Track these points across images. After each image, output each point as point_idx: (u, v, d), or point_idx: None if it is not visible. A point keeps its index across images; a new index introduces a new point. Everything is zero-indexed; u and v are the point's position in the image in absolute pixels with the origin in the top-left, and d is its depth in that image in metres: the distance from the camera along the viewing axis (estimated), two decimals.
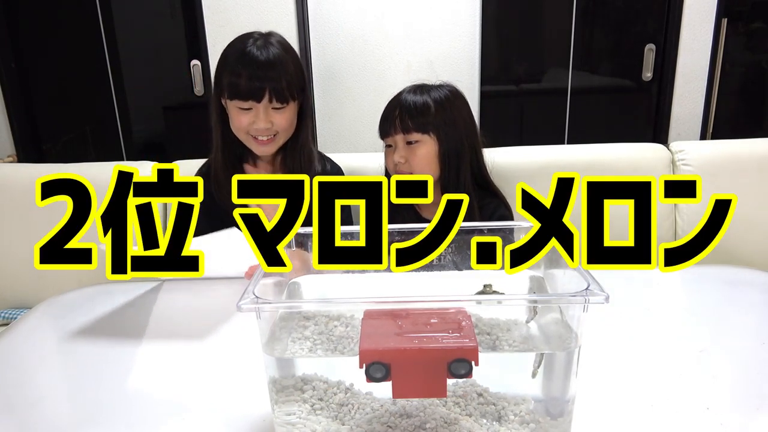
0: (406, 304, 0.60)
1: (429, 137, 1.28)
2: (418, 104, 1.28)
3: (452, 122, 1.30)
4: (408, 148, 1.29)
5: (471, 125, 1.35)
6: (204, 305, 1.06)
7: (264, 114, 1.22)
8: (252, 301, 0.57)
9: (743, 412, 0.70)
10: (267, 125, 1.23)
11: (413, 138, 1.28)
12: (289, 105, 1.25)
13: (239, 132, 1.27)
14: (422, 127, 1.28)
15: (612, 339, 0.86)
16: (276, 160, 1.36)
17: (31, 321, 1.03)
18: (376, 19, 2.01)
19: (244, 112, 1.23)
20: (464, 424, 0.60)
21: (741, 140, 1.64)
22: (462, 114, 1.33)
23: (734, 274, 1.11)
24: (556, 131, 2.23)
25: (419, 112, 1.28)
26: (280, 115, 1.24)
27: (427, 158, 1.29)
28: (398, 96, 1.33)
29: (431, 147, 1.29)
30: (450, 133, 1.29)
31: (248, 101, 1.21)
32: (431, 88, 1.32)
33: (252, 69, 1.20)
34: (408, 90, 1.32)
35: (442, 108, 1.29)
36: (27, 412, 0.75)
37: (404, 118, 1.28)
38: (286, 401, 0.61)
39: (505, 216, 1.36)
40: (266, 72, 1.20)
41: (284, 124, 1.26)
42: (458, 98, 1.34)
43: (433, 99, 1.29)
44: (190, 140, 2.31)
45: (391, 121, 1.30)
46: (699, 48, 2.02)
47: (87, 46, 2.20)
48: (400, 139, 1.30)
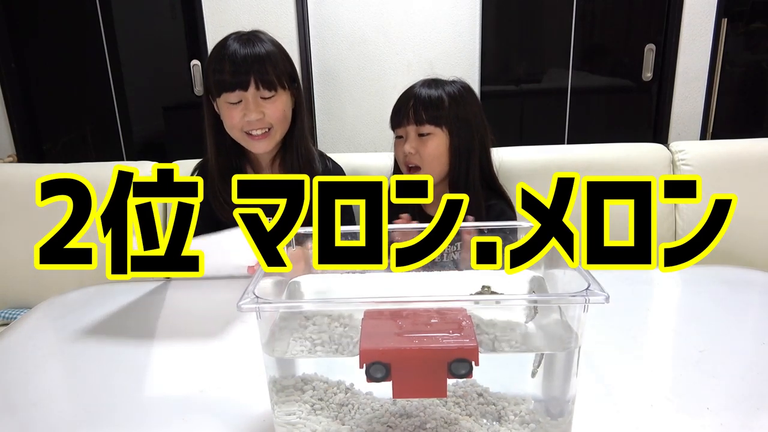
0: (406, 304, 0.60)
1: (441, 131, 1.29)
2: (432, 97, 1.29)
3: (465, 118, 1.30)
4: (419, 140, 1.29)
5: (482, 123, 1.35)
6: (204, 305, 1.06)
7: (254, 104, 1.20)
8: (252, 301, 0.57)
9: (743, 412, 0.70)
10: (258, 115, 1.20)
11: (425, 130, 1.29)
12: (279, 94, 1.23)
13: (233, 130, 1.24)
14: (435, 119, 1.28)
15: (612, 339, 0.86)
16: (274, 164, 1.33)
17: (31, 321, 1.03)
18: (376, 19, 2.01)
19: (235, 107, 1.21)
20: (464, 424, 0.60)
21: (741, 140, 1.64)
22: (474, 111, 1.33)
23: (734, 274, 1.11)
24: (556, 131, 2.23)
25: (433, 104, 1.28)
26: (271, 105, 1.22)
27: (437, 151, 1.29)
28: (411, 88, 1.33)
29: (443, 141, 1.29)
30: (462, 129, 1.30)
31: (235, 91, 1.19)
32: (445, 82, 1.32)
33: (234, 60, 1.19)
34: (421, 84, 1.32)
35: (455, 103, 1.29)
36: (27, 412, 0.75)
37: (418, 110, 1.28)
38: (286, 401, 0.61)
39: (510, 219, 1.35)
40: (249, 61, 1.19)
41: (277, 115, 1.23)
42: (471, 95, 1.34)
43: (447, 93, 1.29)
44: (190, 140, 2.30)
45: (405, 112, 1.30)
46: (699, 48, 2.02)
47: (87, 46, 2.20)
48: (412, 130, 1.30)
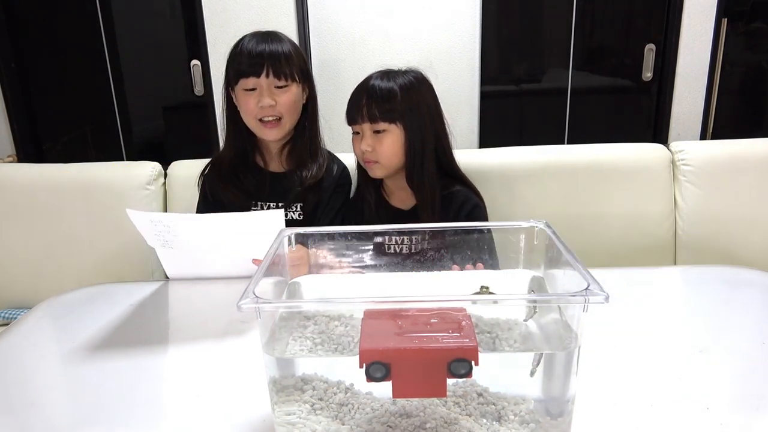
0: (406, 304, 0.60)
1: (396, 126, 1.29)
2: (384, 91, 1.28)
3: (416, 108, 1.29)
4: (375, 137, 1.30)
5: (435, 112, 1.34)
6: (204, 305, 1.06)
7: (268, 91, 1.30)
8: (252, 301, 0.57)
9: (743, 412, 0.70)
10: (271, 102, 1.30)
11: (380, 127, 1.29)
12: (291, 86, 1.33)
13: (249, 117, 1.34)
14: (388, 115, 1.28)
15: (612, 339, 0.86)
16: (283, 153, 1.41)
17: (31, 321, 1.03)
18: (376, 19, 2.01)
19: (251, 94, 1.31)
20: (464, 424, 0.60)
21: (741, 140, 1.64)
22: (426, 100, 1.32)
23: (734, 274, 1.11)
24: (556, 131, 2.23)
25: (385, 99, 1.28)
26: (283, 95, 1.32)
27: (393, 147, 1.30)
28: (365, 82, 1.32)
29: (398, 136, 1.29)
30: (414, 120, 1.29)
31: (250, 78, 1.30)
32: (397, 74, 1.31)
33: (251, 52, 1.31)
34: (374, 76, 1.32)
35: (407, 94, 1.29)
36: (27, 412, 0.75)
37: (371, 107, 1.28)
38: (286, 401, 0.61)
39: (477, 205, 1.35)
40: (265, 54, 1.31)
41: (287, 105, 1.33)
42: (423, 84, 1.33)
43: (399, 86, 1.29)
44: (190, 140, 2.31)
45: (359, 109, 1.30)
46: (699, 48, 2.02)
47: (87, 47, 2.20)
48: (368, 128, 1.30)
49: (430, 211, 1.30)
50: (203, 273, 1.15)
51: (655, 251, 1.61)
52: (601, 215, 1.60)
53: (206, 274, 1.15)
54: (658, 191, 1.60)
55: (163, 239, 1.09)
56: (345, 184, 1.45)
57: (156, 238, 1.09)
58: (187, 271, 1.16)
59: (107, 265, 1.60)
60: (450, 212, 1.32)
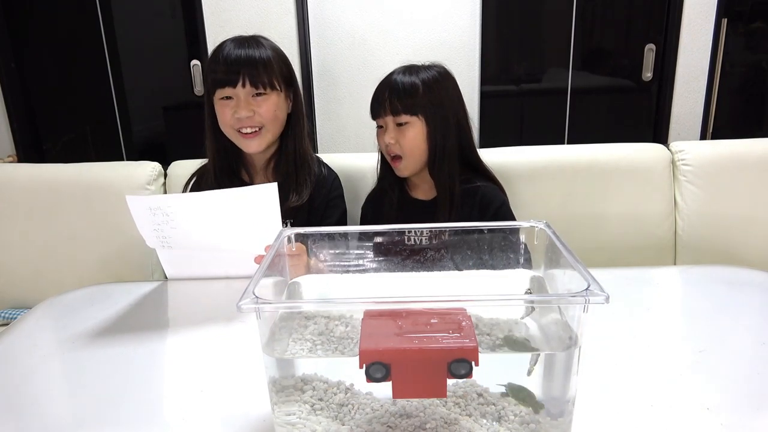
0: (406, 304, 0.60)
1: (418, 119, 1.30)
2: (406, 85, 1.30)
3: (439, 102, 1.31)
4: (398, 130, 1.31)
5: (459, 105, 1.36)
6: (204, 305, 1.06)
7: (245, 101, 1.25)
8: (252, 301, 0.57)
9: (743, 412, 0.70)
10: (248, 113, 1.25)
11: (403, 120, 1.30)
12: (271, 94, 1.27)
13: (226, 127, 1.29)
14: (411, 108, 1.29)
15: (612, 339, 0.86)
16: (269, 168, 1.37)
17: (31, 321, 1.03)
18: (376, 19, 2.01)
19: (227, 104, 1.26)
20: (464, 424, 0.60)
21: (741, 140, 1.64)
22: (449, 94, 1.34)
23: (734, 274, 1.10)
24: (556, 131, 2.23)
25: (408, 93, 1.29)
26: (263, 104, 1.26)
27: (416, 141, 1.31)
28: (389, 77, 1.34)
29: (420, 128, 1.31)
30: (437, 113, 1.31)
31: (226, 87, 1.25)
32: (420, 68, 1.33)
33: (228, 59, 1.25)
34: (398, 71, 1.34)
35: (429, 89, 1.30)
36: (27, 412, 0.75)
37: (393, 101, 1.30)
38: (286, 401, 0.61)
39: (499, 196, 1.36)
40: (241, 61, 1.24)
41: (267, 115, 1.27)
42: (447, 78, 1.35)
43: (422, 80, 1.30)
44: (190, 140, 2.30)
45: (381, 102, 1.31)
46: (699, 48, 2.02)
47: (87, 46, 2.20)
48: (390, 121, 1.32)
49: (449, 204, 1.31)
50: (203, 273, 1.15)
51: (655, 251, 1.61)
52: (601, 215, 1.60)
53: (206, 274, 1.15)
54: (658, 191, 1.60)
55: (162, 234, 1.08)
56: (337, 196, 1.41)
57: (155, 233, 1.09)
58: (186, 271, 1.16)
59: (107, 265, 1.60)
60: (472, 206, 1.33)
